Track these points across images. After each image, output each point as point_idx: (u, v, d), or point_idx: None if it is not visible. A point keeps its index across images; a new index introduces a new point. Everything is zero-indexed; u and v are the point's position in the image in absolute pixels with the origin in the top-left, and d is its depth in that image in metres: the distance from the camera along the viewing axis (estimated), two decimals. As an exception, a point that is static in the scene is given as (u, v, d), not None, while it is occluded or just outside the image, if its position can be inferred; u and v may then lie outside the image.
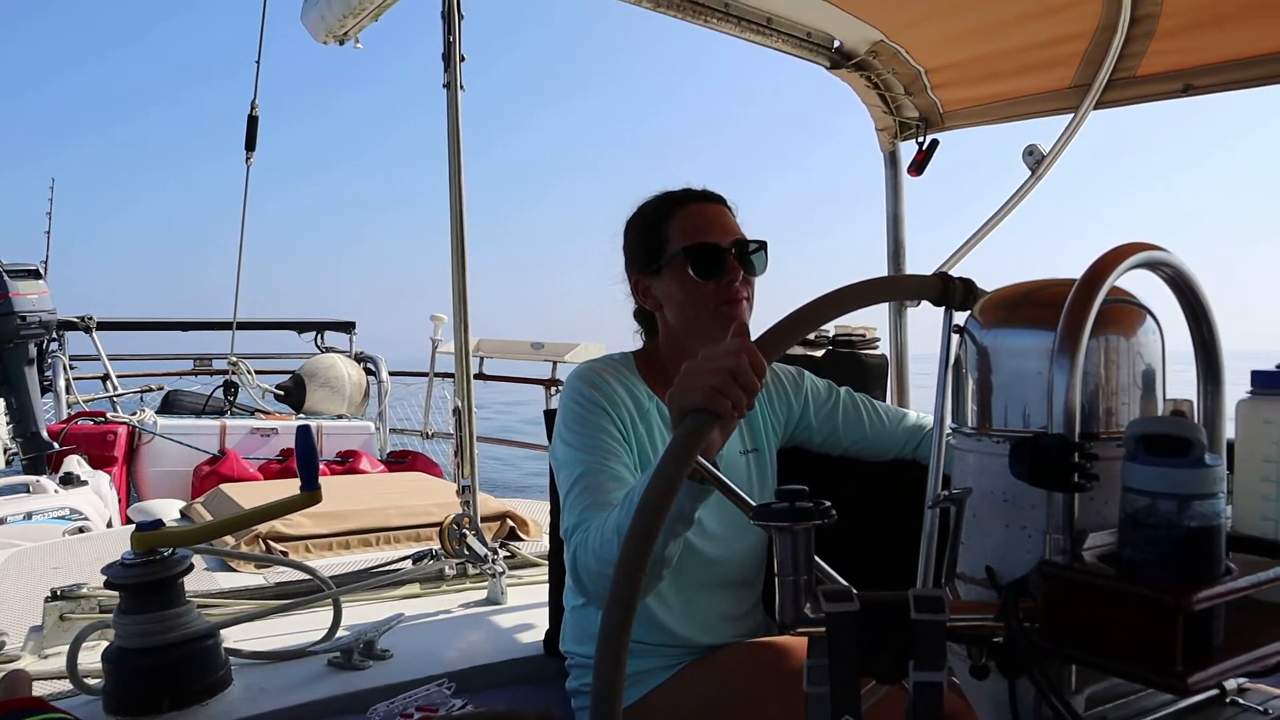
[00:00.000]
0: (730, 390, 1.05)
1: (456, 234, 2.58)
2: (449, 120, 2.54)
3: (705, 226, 1.69)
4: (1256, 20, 2.18)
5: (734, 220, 1.74)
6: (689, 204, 1.73)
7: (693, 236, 1.68)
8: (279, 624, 2.33)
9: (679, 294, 1.69)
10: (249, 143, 6.04)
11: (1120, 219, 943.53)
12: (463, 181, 2.58)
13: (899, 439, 1.85)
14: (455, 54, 2.51)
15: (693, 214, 1.71)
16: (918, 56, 2.76)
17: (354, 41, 2.67)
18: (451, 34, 2.51)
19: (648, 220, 1.75)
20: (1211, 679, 0.75)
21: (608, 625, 0.83)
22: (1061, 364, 0.83)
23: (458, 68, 2.52)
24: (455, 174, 2.57)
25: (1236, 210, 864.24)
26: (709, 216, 1.71)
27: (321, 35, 2.65)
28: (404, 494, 3.64)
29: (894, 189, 3.03)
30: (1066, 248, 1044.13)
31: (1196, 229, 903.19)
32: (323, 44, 2.68)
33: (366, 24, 2.59)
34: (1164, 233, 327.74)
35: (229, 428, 5.92)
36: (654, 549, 0.87)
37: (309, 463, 1.94)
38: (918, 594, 0.82)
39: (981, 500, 0.97)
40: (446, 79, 2.53)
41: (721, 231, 1.69)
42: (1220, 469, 0.77)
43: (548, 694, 1.97)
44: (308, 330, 7.90)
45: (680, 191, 1.76)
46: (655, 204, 1.76)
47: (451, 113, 2.53)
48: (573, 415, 1.62)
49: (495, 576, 2.64)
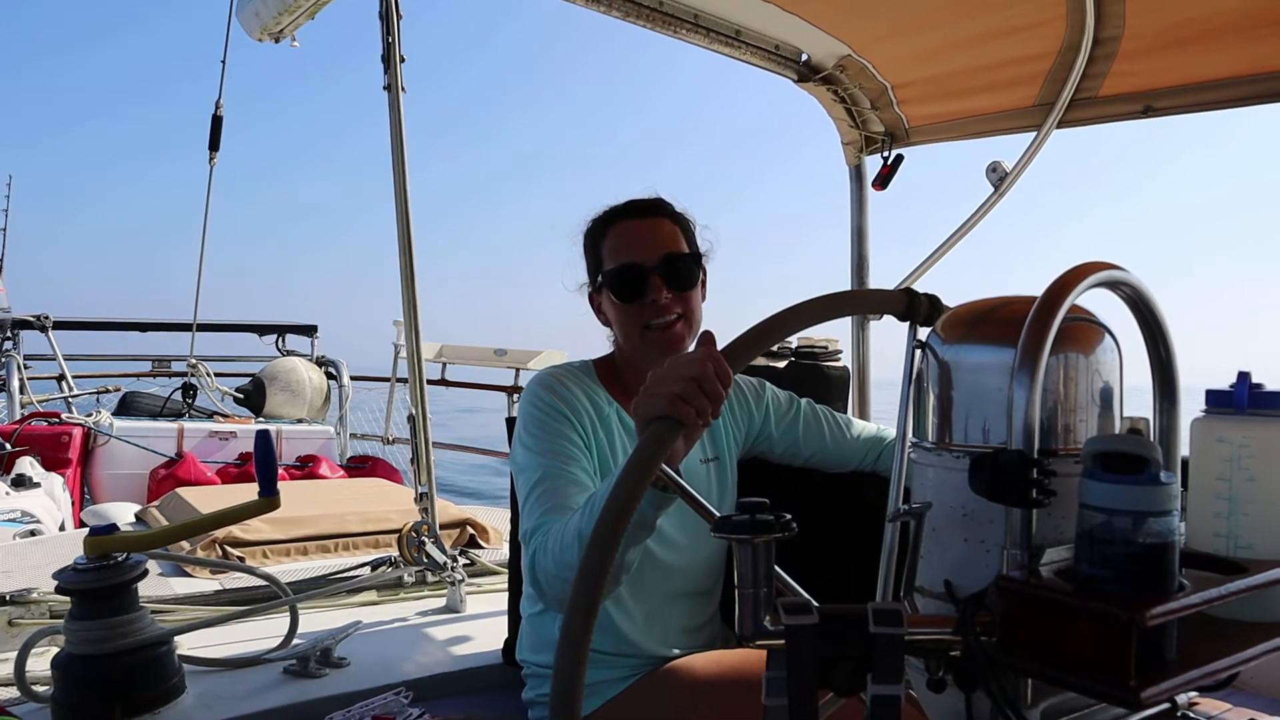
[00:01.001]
0: (695, 398, 1.06)
1: (404, 237, 2.57)
2: (391, 123, 2.53)
3: (629, 245, 1.70)
4: (1216, 44, 2.22)
5: (668, 231, 1.73)
6: (619, 222, 1.74)
7: (616, 257, 1.70)
8: (235, 631, 2.30)
9: (613, 314, 1.73)
10: (213, 143, 5.97)
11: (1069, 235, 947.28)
12: (407, 184, 2.56)
13: (859, 450, 1.86)
14: (395, 55, 2.50)
15: (620, 233, 1.72)
16: (884, 72, 2.78)
17: (290, 40, 2.64)
18: (390, 34, 2.49)
19: (588, 239, 1.78)
20: (1164, 693, 0.75)
21: (568, 631, 0.83)
22: (1021, 380, 0.84)
23: (398, 69, 2.50)
24: (400, 177, 2.55)
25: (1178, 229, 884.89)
26: (635, 234, 1.71)
27: (256, 33, 2.62)
28: (363, 500, 3.61)
29: (859, 203, 3.06)
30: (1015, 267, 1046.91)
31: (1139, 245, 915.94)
32: (258, 41, 2.64)
33: (302, 22, 2.56)
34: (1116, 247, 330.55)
35: (187, 430, 5.83)
36: (616, 556, 0.87)
37: (268, 467, 1.92)
38: (876, 607, 0.83)
39: (941, 514, 0.97)
40: (387, 81, 2.52)
41: (648, 248, 1.69)
42: (1175, 487, 0.78)
43: (505, 703, 1.96)
44: (269, 333, 7.81)
45: (619, 206, 1.77)
46: (595, 222, 1.78)
47: (393, 115, 2.52)
48: (533, 420, 1.62)
49: (454, 584, 2.63)
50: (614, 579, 1.39)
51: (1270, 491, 0.91)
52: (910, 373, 1.05)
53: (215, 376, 6.58)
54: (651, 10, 2.44)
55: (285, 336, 7.81)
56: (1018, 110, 2.65)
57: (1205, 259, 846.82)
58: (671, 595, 1.72)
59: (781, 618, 0.83)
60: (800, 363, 2.69)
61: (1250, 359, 2.38)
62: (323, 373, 6.80)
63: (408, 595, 2.75)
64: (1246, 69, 2.25)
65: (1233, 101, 2.31)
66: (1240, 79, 2.27)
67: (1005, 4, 2.35)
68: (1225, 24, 2.17)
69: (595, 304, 1.79)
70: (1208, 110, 2.37)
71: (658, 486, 1.23)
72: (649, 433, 1.01)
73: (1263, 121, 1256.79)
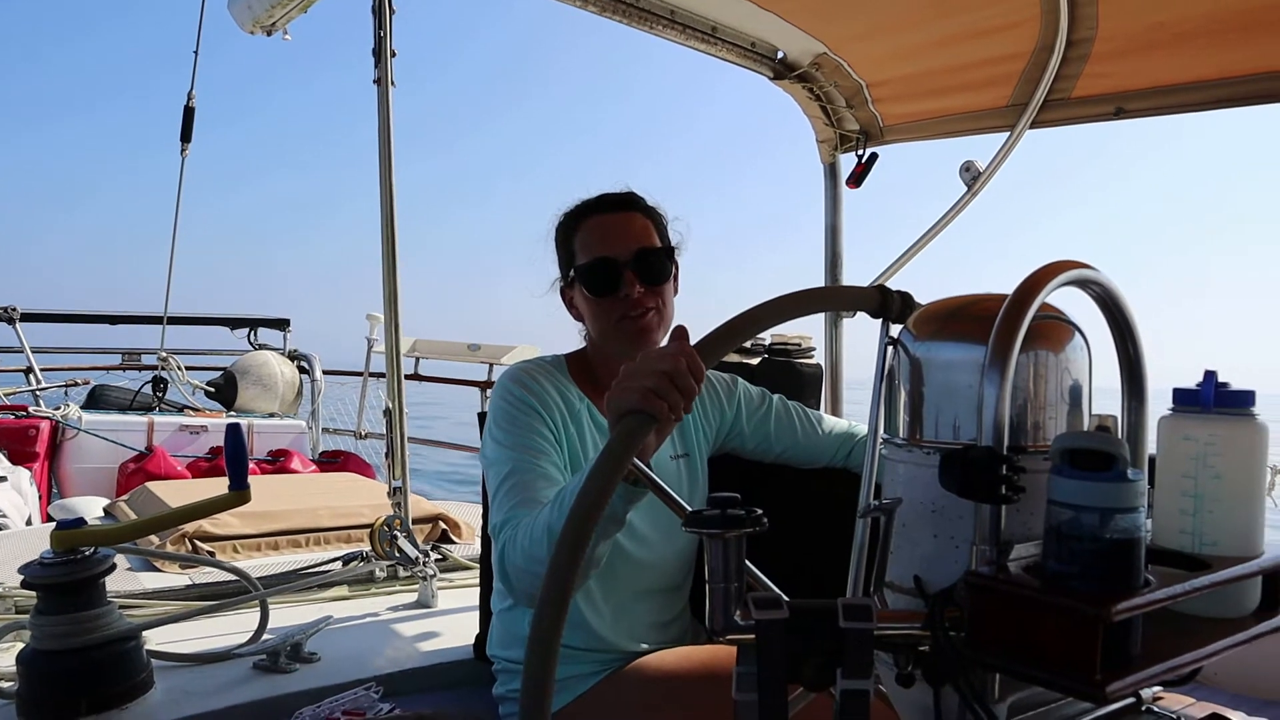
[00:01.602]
0: (668, 393, 1.06)
1: (387, 232, 2.55)
2: (379, 117, 2.51)
3: (602, 239, 1.70)
4: (1187, 48, 2.25)
5: (640, 225, 1.73)
6: (591, 216, 1.74)
7: (588, 252, 1.69)
8: (204, 626, 2.28)
9: (585, 308, 1.73)
10: (184, 134, 5.91)
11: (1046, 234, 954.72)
12: (393, 179, 2.55)
13: (830, 446, 1.87)
14: (386, 49, 2.49)
15: (592, 227, 1.72)
16: (860, 70, 2.79)
17: (283, 33, 2.62)
18: (382, 28, 2.48)
19: (561, 233, 1.77)
20: (1128, 688, 0.76)
21: (539, 626, 0.83)
22: (992, 378, 0.85)
23: (388, 63, 2.49)
24: (386, 171, 2.54)
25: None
26: (607, 229, 1.71)
27: (248, 25, 2.60)
28: (335, 494, 3.59)
29: (833, 200, 3.07)
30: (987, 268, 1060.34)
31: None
32: (249, 34, 2.63)
33: (295, 15, 2.55)
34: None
35: (157, 424, 5.78)
36: (587, 550, 0.87)
37: (238, 461, 1.90)
38: (846, 602, 0.83)
39: (911, 510, 0.98)
40: (377, 74, 2.50)
41: (620, 243, 1.69)
42: (1141, 484, 0.78)
43: (477, 698, 1.96)
44: (241, 327, 7.75)
45: (590, 201, 1.76)
46: (567, 216, 1.77)
47: (382, 109, 2.51)
48: (503, 414, 1.62)
49: (426, 579, 2.62)
50: (583, 574, 1.38)
51: (1235, 489, 0.92)
52: (882, 369, 1.05)
53: (186, 370, 6.51)
54: (628, 6, 2.44)
55: (257, 330, 7.75)
56: (991, 110, 2.67)
57: (1161, 264, 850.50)
58: (641, 591, 1.72)
59: (752, 613, 0.83)
60: (774, 359, 2.70)
61: (1201, 361, 2.38)
62: (295, 367, 6.76)
63: (379, 590, 2.74)
64: (1215, 73, 2.28)
65: (1201, 105, 2.34)
66: (1208, 83, 2.30)
67: (980, 5, 2.37)
68: (1195, 29, 2.20)
69: (567, 298, 1.79)
70: (1177, 113, 2.40)
71: (629, 481, 1.23)
72: (621, 427, 1.01)
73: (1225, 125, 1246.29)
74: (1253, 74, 2.22)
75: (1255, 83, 2.22)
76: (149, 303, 6.58)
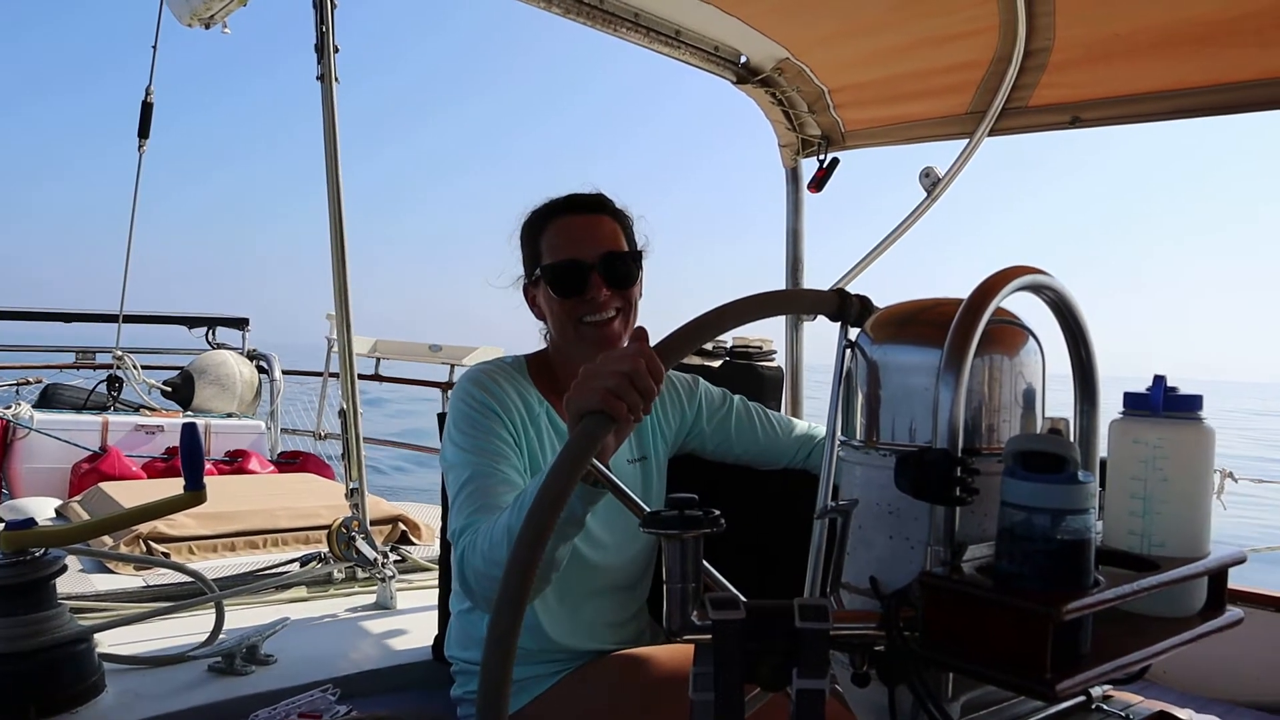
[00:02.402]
0: (627, 394, 1.06)
1: (335, 230, 2.53)
2: (324, 113, 2.49)
3: (570, 241, 1.69)
4: (1142, 59, 2.29)
5: (609, 228, 1.72)
6: (559, 216, 1.72)
7: (557, 253, 1.68)
8: (158, 628, 2.25)
9: (548, 308, 1.72)
10: (142, 130, 5.82)
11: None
12: (340, 177, 2.52)
13: (790, 448, 1.88)
14: (328, 45, 2.46)
15: (562, 226, 1.71)
16: (822, 76, 2.81)
17: (221, 25, 2.59)
18: (324, 24, 2.46)
19: (528, 231, 1.76)
20: (1078, 685, 0.78)
21: (497, 626, 0.83)
22: (947, 381, 0.86)
23: (331, 59, 2.46)
24: (332, 168, 2.51)
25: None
26: (576, 230, 1.71)
27: (186, 18, 2.56)
28: (293, 495, 3.56)
29: (794, 205, 3.09)
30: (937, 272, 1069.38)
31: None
32: (187, 26, 2.59)
33: (234, 8, 2.52)
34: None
35: (112, 424, 5.68)
36: (545, 550, 0.87)
37: (194, 461, 1.88)
38: (802, 603, 0.84)
39: (867, 512, 0.99)
40: (320, 71, 2.48)
41: (588, 245, 1.68)
42: (1092, 485, 0.80)
43: (435, 700, 1.95)
44: (198, 325, 7.64)
45: (559, 200, 1.75)
46: (535, 214, 1.76)
47: (326, 106, 2.48)
48: (463, 418, 1.60)
49: (384, 581, 2.60)
50: (544, 577, 1.38)
51: (1182, 491, 0.94)
52: (840, 372, 1.06)
53: (142, 369, 6.41)
54: (592, 8, 2.43)
55: (215, 329, 7.65)
56: (951, 117, 2.70)
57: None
58: (596, 591, 1.72)
59: (709, 613, 0.83)
60: (735, 362, 2.71)
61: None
62: (254, 366, 6.68)
63: (337, 592, 2.72)
64: (1169, 84, 2.32)
65: (1156, 115, 2.38)
66: (1163, 94, 2.34)
67: (940, 12, 2.39)
68: (1150, 41, 2.24)
69: (530, 297, 1.78)
70: (1131, 123, 2.44)
71: (588, 482, 1.23)
72: (580, 428, 1.01)
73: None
74: (1206, 86, 2.26)
75: (1208, 94, 2.26)
76: (109, 300, 6.45)
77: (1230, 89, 2.23)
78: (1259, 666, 2.27)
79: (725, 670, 0.82)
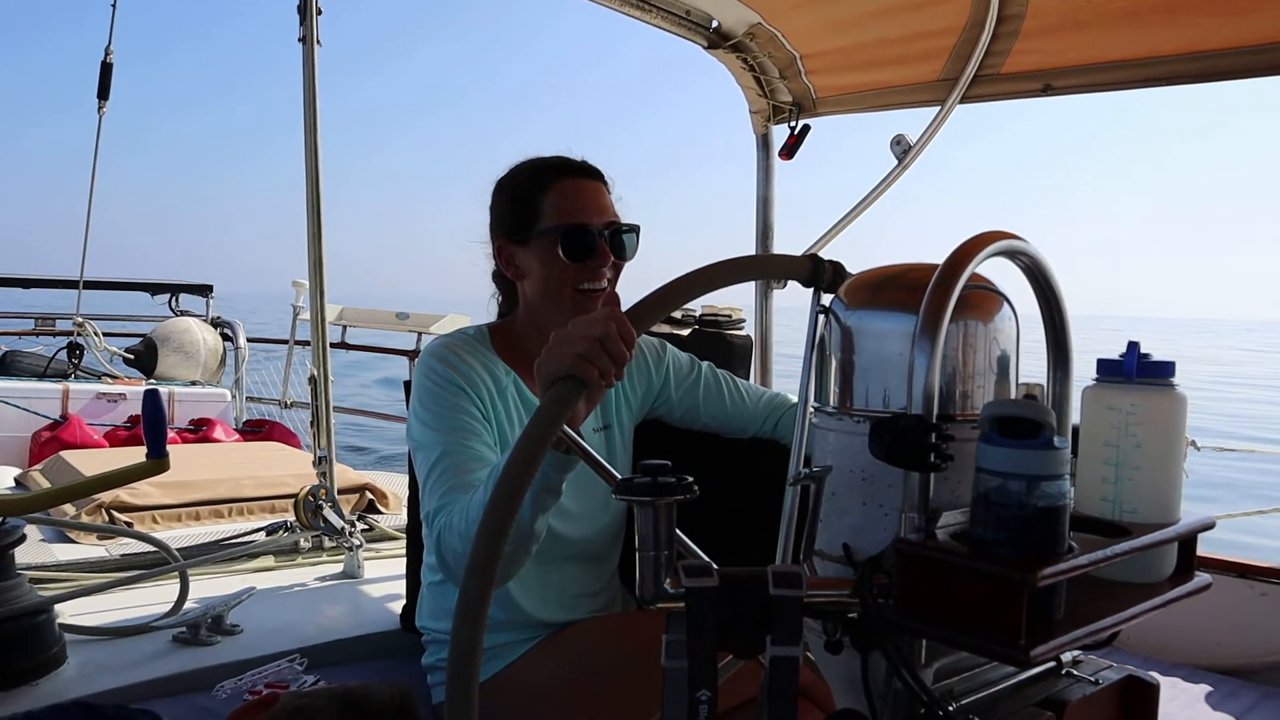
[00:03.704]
0: (598, 358, 1.05)
1: (312, 196, 2.49)
2: (305, 76, 2.44)
3: (580, 206, 1.65)
4: (1114, 27, 2.28)
5: (609, 199, 1.70)
6: (566, 178, 1.67)
7: (568, 216, 1.63)
8: (121, 599, 2.23)
9: (541, 270, 1.65)
10: (102, 91, 5.68)
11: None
12: (318, 141, 2.47)
13: (759, 416, 1.87)
14: (312, 6, 2.41)
15: (569, 189, 1.66)
16: (794, 41, 2.79)
17: None
18: None
19: (521, 187, 1.69)
20: (1051, 651, 0.77)
21: (467, 590, 0.82)
22: (922, 347, 0.85)
23: (314, 21, 2.41)
24: (311, 133, 2.46)
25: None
26: (585, 194, 1.67)
27: None
28: (259, 464, 3.52)
29: (765, 172, 3.07)
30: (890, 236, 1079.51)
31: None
32: None
33: None
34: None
35: (73, 392, 5.59)
36: (518, 514, 0.86)
37: (156, 428, 1.84)
38: (776, 570, 0.83)
39: (841, 478, 0.98)
40: (302, 33, 2.42)
41: (596, 212, 1.65)
42: (1066, 452, 0.79)
43: (404, 670, 1.94)
44: (162, 292, 7.51)
45: (558, 161, 1.70)
46: (531, 170, 1.70)
47: (307, 69, 2.43)
48: (429, 394, 1.57)
49: (352, 550, 2.59)
50: (523, 549, 1.36)
51: (1154, 458, 0.94)
52: (813, 338, 1.05)
53: (104, 336, 6.32)
54: (562, -31, 2.40)
55: (179, 296, 7.53)
56: (923, 84, 2.69)
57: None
58: (566, 561, 1.70)
59: (682, 580, 0.83)
60: (704, 330, 2.70)
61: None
62: (218, 334, 6.60)
63: (305, 561, 2.70)
64: (1140, 52, 2.32)
65: (1127, 83, 2.38)
66: (1134, 61, 2.34)
67: (913, -22, 2.38)
68: (1121, 9, 2.23)
69: (505, 255, 1.70)
70: (1103, 90, 2.44)
71: (560, 449, 1.22)
72: (551, 393, 1.00)
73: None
74: (1177, 54, 2.26)
75: (1180, 63, 2.27)
76: (70, 269, 6.31)
77: (1201, 57, 2.23)
78: (1220, 631, 2.31)
79: (698, 638, 0.82)
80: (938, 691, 0.89)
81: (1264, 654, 2.27)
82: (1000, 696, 0.95)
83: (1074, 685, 0.98)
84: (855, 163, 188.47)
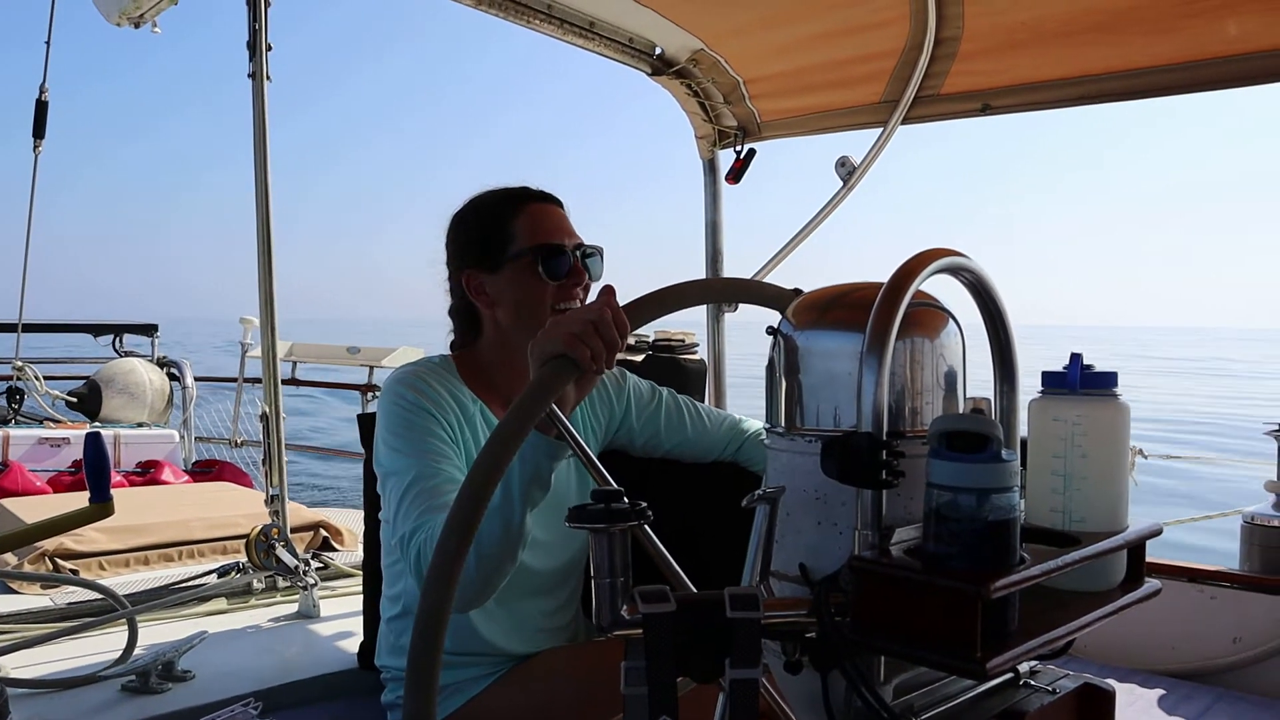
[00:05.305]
0: (591, 339, 1.08)
1: (262, 233, 2.46)
2: (254, 112, 2.41)
3: (552, 227, 1.69)
4: (1048, 47, 2.34)
5: (570, 223, 1.73)
6: (532, 203, 1.71)
7: (542, 236, 1.67)
8: (67, 649, 2.16)
9: (516, 293, 1.66)
10: (37, 129, 5.58)
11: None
12: (269, 177, 2.44)
13: (720, 441, 1.88)
14: (261, 42, 2.39)
15: (538, 213, 1.70)
16: (737, 66, 2.82)
17: (151, 25, 2.51)
18: (257, 20, 2.39)
19: (487, 215, 1.71)
20: (1007, 663, 0.78)
21: (442, 555, 0.84)
22: (870, 364, 0.86)
23: (264, 57, 2.39)
24: (261, 169, 2.43)
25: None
26: (554, 217, 1.71)
27: (115, 17, 2.47)
28: (209, 505, 3.46)
29: (712, 196, 3.09)
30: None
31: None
32: (115, 25, 2.50)
33: (165, 7, 2.43)
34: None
35: (13, 438, 5.46)
36: (497, 485, 0.89)
37: (99, 471, 1.80)
38: (733, 592, 0.83)
39: (794, 498, 0.98)
40: (252, 69, 2.40)
41: (565, 233, 1.70)
42: (1015, 464, 0.80)
43: (363, 709, 1.91)
44: (105, 333, 7.37)
45: (520, 189, 1.74)
46: (497, 199, 1.73)
47: (257, 105, 2.41)
48: (397, 420, 1.55)
49: (307, 589, 2.54)
50: (511, 555, 1.34)
51: (1100, 467, 0.95)
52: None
53: (45, 380, 6.18)
54: (504, 0, 2.41)
55: (123, 337, 7.40)
56: (865, 106, 2.73)
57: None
58: (529, 593, 1.69)
59: (639, 606, 0.82)
60: (658, 356, 2.70)
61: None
62: (164, 374, 6.48)
63: (258, 602, 2.65)
64: (1074, 71, 2.38)
65: (1063, 102, 2.44)
66: (1069, 80, 2.40)
67: (852, 3, 2.42)
68: (1052, 29, 2.29)
69: (475, 284, 1.69)
70: (1039, 109, 2.50)
71: (549, 434, 1.25)
72: (544, 370, 1.03)
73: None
74: (1110, 72, 2.32)
75: (1113, 80, 2.33)
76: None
77: (1132, 75, 2.29)
78: (1173, 636, 2.35)
79: (657, 664, 0.81)
80: (898, 707, 0.89)
81: (1216, 656, 2.31)
82: (960, 710, 0.95)
83: (1032, 695, 0.99)
84: (799, 181, 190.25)
